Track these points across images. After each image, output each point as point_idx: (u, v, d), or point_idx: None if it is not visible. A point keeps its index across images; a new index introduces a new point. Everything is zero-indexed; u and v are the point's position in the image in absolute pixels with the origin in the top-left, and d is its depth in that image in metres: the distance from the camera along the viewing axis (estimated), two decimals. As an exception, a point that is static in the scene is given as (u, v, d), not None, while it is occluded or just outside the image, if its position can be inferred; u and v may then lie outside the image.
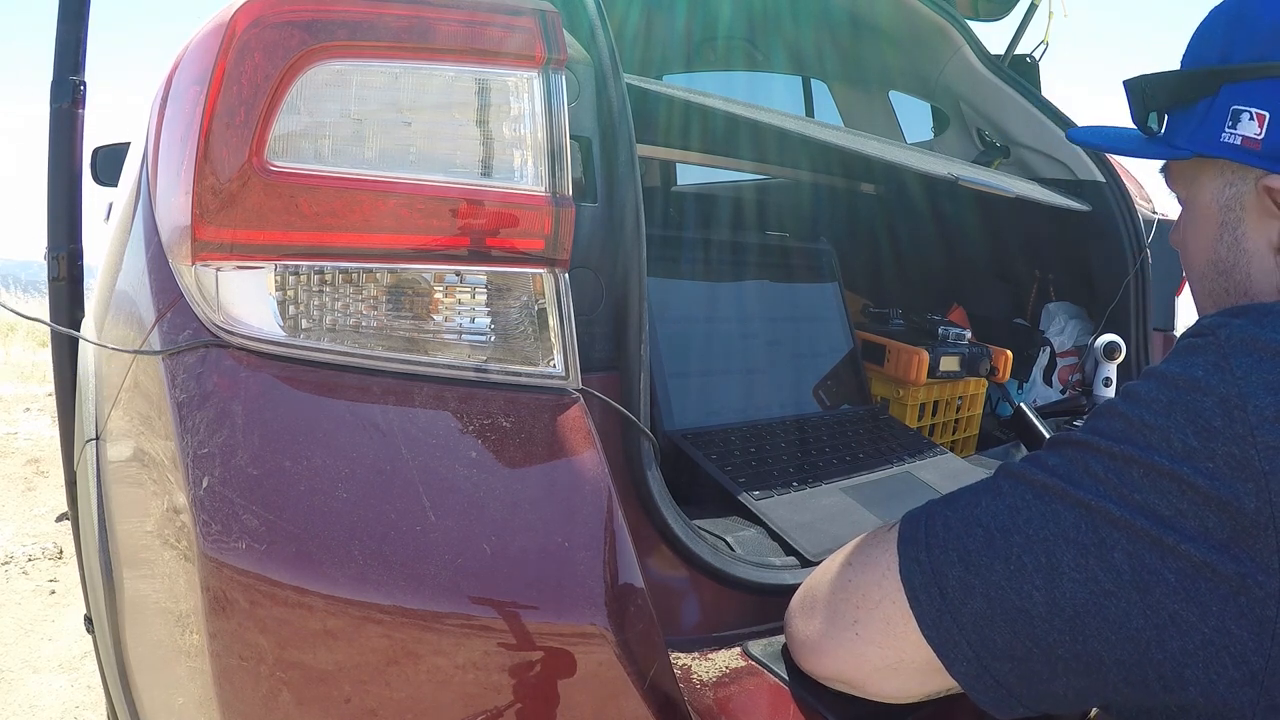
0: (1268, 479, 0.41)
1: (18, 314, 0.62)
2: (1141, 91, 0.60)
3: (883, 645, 0.53)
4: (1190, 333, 0.49)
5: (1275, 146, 0.52)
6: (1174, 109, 0.59)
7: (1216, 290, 0.58)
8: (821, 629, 0.58)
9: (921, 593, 0.51)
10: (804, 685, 0.60)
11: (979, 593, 0.48)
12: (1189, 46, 0.59)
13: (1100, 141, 0.68)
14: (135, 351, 0.64)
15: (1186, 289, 1.67)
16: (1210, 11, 0.57)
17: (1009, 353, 1.29)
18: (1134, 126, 0.63)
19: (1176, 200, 0.63)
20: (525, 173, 0.61)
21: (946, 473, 0.98)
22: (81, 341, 0.95)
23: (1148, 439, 0.46)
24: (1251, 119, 0.53)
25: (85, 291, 0.98)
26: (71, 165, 0.93)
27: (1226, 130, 0.54)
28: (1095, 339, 1.32)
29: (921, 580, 0.51)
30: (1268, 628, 0.41)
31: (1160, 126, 0.61)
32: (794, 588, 0.69)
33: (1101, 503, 0.46)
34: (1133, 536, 0.44)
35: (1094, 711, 0.56)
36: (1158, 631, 0.43)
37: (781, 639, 0.65)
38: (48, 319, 0.93)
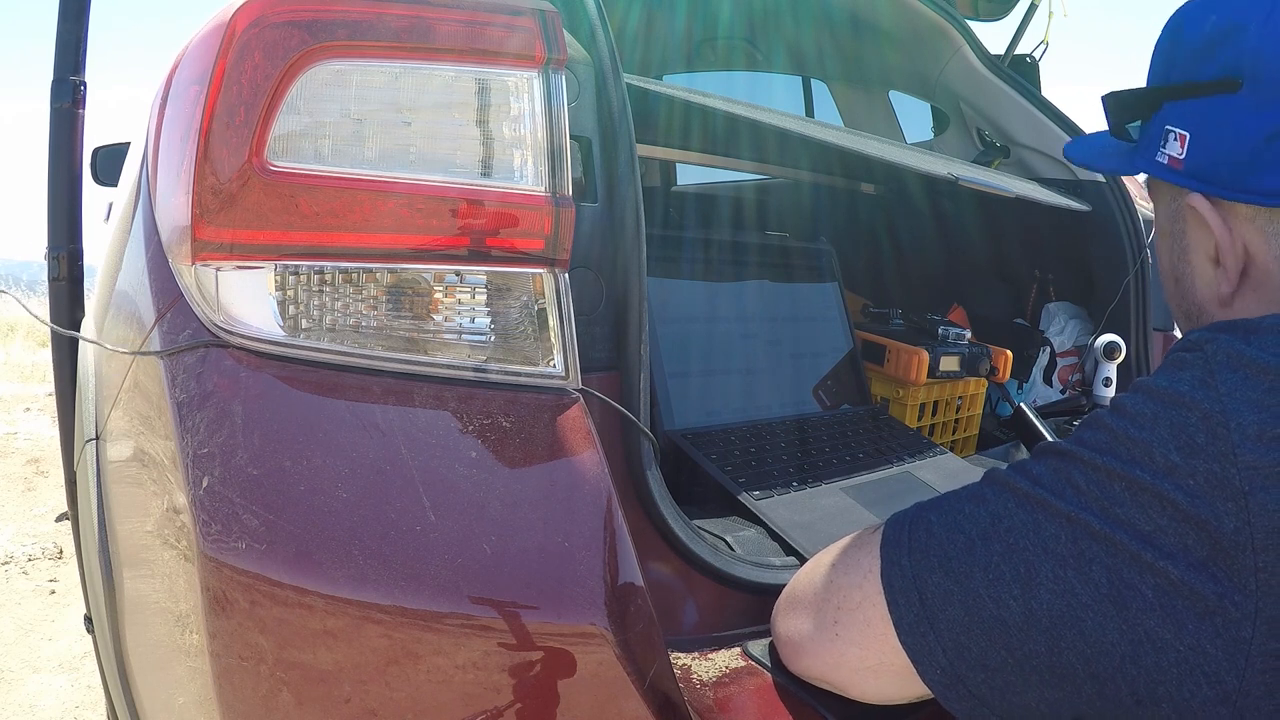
0: (1247, 499, 0.41)
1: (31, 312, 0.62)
2: (1108, 106, 0.61)
3: (862, 647, 0.53)
4: (1179, 347, 0.49)
5: (1195, 166, 0.53)
6: (1135, 125, 0.60)
7: (1174, 298, 0.61)
8: (803, 628, 0.58)
9: (901, 597, 0.50)
10: (804, 685, 0.60)
11: (957, 600, 0.48)
12: (1150, 61, 0.60)
13: (1087, 159, 0.69)
14: (135, 353, 0.64)
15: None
16: (1163, 26, 0.58)
17: (1009, 353, 1.29)
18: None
19: None
20: (525, 173, 0.61)
21: (946, 473, 0.98)
22: (82, 341, 0.95)
23: (1130, 452, 0.46)
24: (1175, 139, 0.55)
25: (85, 291, 0.98)
26: (71, 165, 0.93)
27: (1159, 149, 0.56)
28: (1095, 339, 1.32)
29: (902, 585, 0.51)
30: (1242, 649, 0.41)
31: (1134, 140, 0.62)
32: (794, 588, 0.69)
33: (1083, 515, 0.45)
34: (1112, 551, 0.44)
35: None
36: (1133, 647, 0.43)
37: (781, 639, 0.65)
38: (48, 320, 0.93)
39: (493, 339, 0.61)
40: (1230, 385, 0.44)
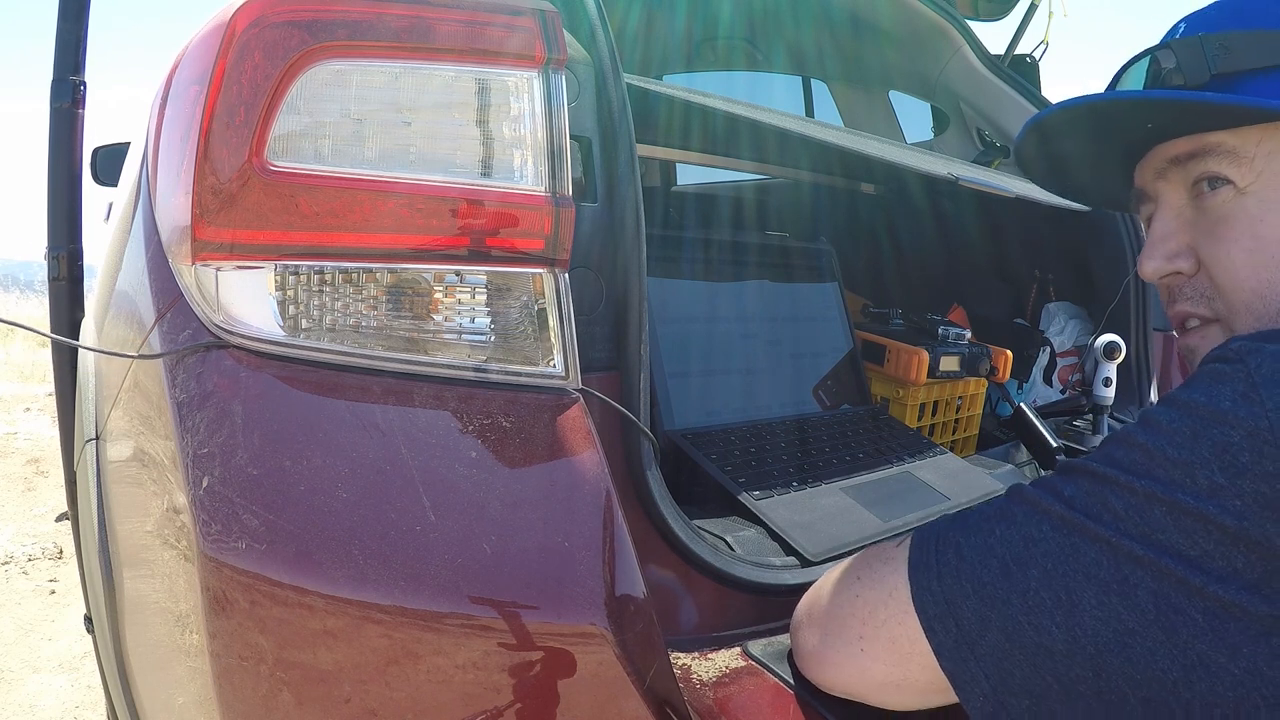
0: None
1: (12, 324, 0.62)
2: (1206, 50, 0.54)
3: (888, 663, 0.53)
4: (1215, 357, 0.47)
5: None
6: (1258, 70, 0.53)
7: None
8: (826, 642, 0.57)
9: (937, 624, 0.49)
10: (804, 686, 0.60)
11: (996, 627, 0.47)
12: (1264, 4, 0.53)
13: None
14: (135, 356, 0.64)
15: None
16: None
17: (1009, 353, 1.29)
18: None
19: (1213, 185, 0.55)
20: (525, 173, 0.61)
21: (946, 473, 0.98)
22: (82, 340, 0.95)
23: (1170, 475, 0.44)
24: None
25: (85, 291, 0.98)
26: (71, 165, 0.93)
27: None
28: (1095, 339, 1.32)
29: (936, 611, 0.50)
30: None
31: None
32: (794, 588, 0.69)
33: (1123, 541, 0.44)
34: (1158, 576, 0.43)
35: None
36: (1185, 672, 0.42)
37: (781, 639, 0.65)
38: (47, 325, 0.93)
39: (493, 339, 0.61)
40: (1277, 400, 0.42)
